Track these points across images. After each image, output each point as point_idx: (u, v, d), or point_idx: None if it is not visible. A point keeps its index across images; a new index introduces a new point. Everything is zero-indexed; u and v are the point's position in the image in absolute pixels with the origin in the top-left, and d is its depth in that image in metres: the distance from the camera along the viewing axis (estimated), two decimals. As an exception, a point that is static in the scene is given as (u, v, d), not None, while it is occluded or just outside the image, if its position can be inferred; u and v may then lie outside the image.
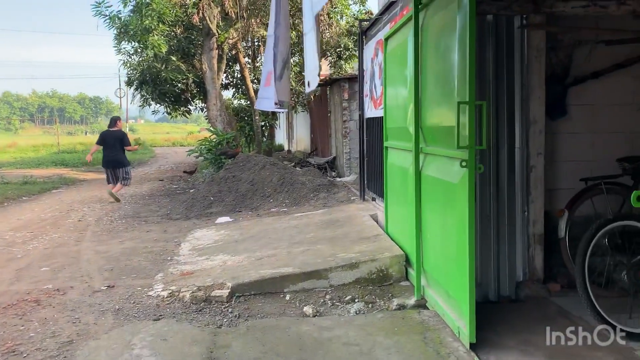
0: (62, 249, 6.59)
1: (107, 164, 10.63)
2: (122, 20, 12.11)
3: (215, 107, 14.18)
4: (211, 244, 6.31)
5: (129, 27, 11.67)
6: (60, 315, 4.16)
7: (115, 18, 11.96)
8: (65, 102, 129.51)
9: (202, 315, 4.04)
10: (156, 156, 29.64)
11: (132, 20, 11.67)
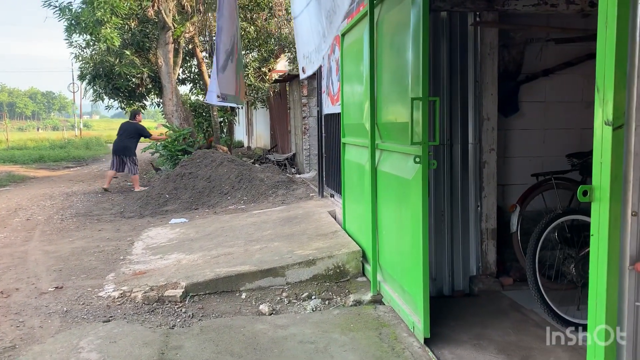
0: (8, 250, 6.30)
1: (116, 151, 11.37)
2: (73, 11, 11.67)
3: (172, 103, 13.87)
4: (166, 243, 6.17)
5: (80, 19, 11.25)
6: (3, 318, 3.96)
7: (66, 9, 11.52)
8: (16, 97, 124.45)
9: (155, 316, 3.93)
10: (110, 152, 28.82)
11: (84, 12, 11.26)
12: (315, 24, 2.71)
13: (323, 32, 2.56)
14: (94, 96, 15.13)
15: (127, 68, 13.22)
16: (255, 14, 14.16)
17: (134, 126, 11.65)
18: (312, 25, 2.76)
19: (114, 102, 15.78)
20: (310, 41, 2.81)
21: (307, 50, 2.87)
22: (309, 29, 2.83)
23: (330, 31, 2.42)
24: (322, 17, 2.53)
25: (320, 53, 2.65)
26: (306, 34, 2.89)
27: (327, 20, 2.41)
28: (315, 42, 2.76)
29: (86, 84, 14.88)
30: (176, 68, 14.45)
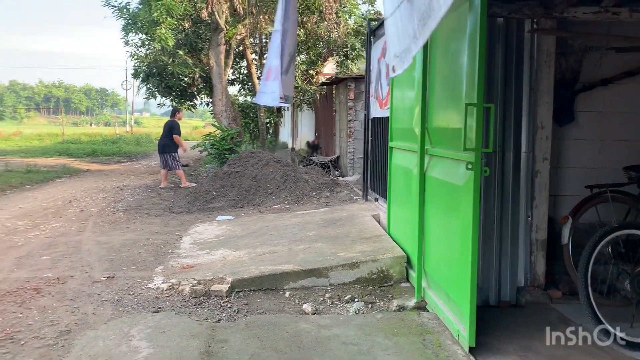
0: (63, 239, 6.59)
1: (158, 148, 12.09)
2: (131, 11, 12.10)
3: (221, 103, 14.16)
4: (212, 239, 6.30)
5: (137, 18, 11.65)
6: (59, 304, 4.15)
7: (124, 9, 11.96)
8: (71, 93, 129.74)
9: (201, 309, 4.03)
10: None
11: (141, 12, 11.65)
12: (406, 25, 2.73)
13: (414, 34, 2.57)
14: (146, 94, 15.63)
15: (180, 67, 13.58)
16: (305, 17, 14.29)
17: (170, 124, 11.98)
18: (403, 25, 2.79)
19: (165, 100, 16.25)
20: (402, 42, 2.84)
21: (398, 50, 2.90)
22: (400, 29, 2.86)
23: (422, 33, 2.44)
24: (414, 18, 2.55)
25: (411, 54, 2.67)
26: (397, 34, 2.92)
27: (419, 22, 2.43)
28: (406, 43, 2.78)
29: (140, 82, 15.40)
30: (227, 69, 14.75)
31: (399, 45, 2.89)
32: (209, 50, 14.04)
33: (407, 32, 2.69)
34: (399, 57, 3.02)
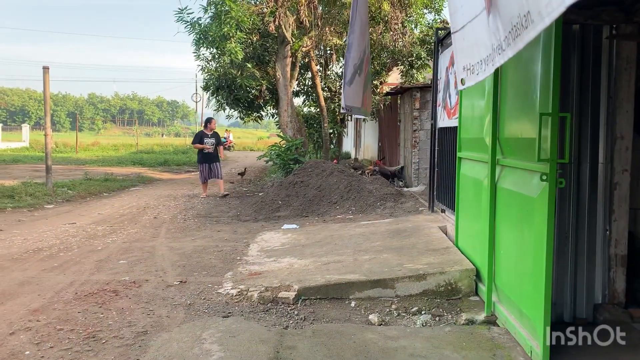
0: (139, 244, 6.92)
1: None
2: (202, 26, 12.58)
3: (287, 114, 14.43)
4: (278, 247, 6.42)
5: (208, 33, 12.09)
6: (136, 306, 4.36)
7: (196, 24, 12.44)
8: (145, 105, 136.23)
9: (269, 316, 4.12)
10: (228, 159, 30.54)
11: (212, 26, 12.09)
12: (482, 36, 2.72)
13: (499, 45, 2.55)
14: (216, 106, 16.17)
15: (248, 80, 13.97)
16: (370, 28, 14.33)
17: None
18: (478, 38, 2.78)
19: (234, 112, 16.75)
20: (475, 53, 2.83)
21: (470, 63, 2.89)
22: (474, 41, 2.85)
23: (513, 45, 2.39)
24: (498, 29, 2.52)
25: (492, 65, 2.65)
26: (469, 47, 2.92)
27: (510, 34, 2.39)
28: (481, 55, 2.77)
29: (209, 95, 15.94)
30: (292, 81, 15.03)
31: (471, 58, 2.86)
32: (275, 62, 14.37)
33: (485, 43, 2.65)
34: (470, 70, 2.99)
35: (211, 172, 11.78)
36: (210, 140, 11.76)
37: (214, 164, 11.77)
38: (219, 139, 12.17)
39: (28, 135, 39.76)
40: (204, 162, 11.78)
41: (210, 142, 11.75)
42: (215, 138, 11.91)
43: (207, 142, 11.72)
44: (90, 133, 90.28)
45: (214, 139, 11.84)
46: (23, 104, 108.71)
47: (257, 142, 54.27)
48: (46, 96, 12.53)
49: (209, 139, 11.76)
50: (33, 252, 6.38)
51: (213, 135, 11.91)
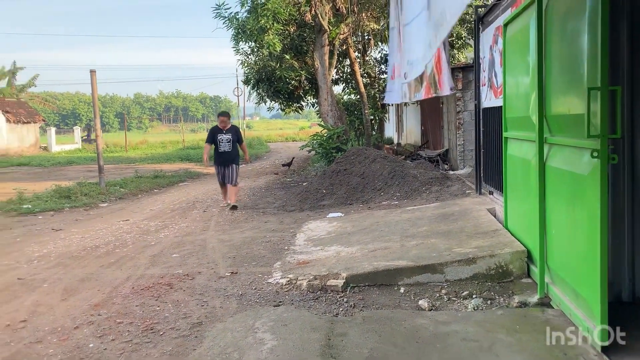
0: (190, 238, 7.11)
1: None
2: (239, 21, 12.71)
3: (327, 103, 14.43)
4: (325, 235, 6.46)
5: (246, 27, 12.22)
6: (190, 298, 4.50)
7: (233, 19, 12.59)
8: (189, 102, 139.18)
9: (319, 304, 4.16)
10: (271, 151, 30.87)
11: (249, 20, 12.21)
12: (423, 33, 2.73)
13: (429, 42, 2.58)
14: (257, 99, 16.35)
15: (287, 71, 14.06)
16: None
17: None
18: (420, 34, 2.78)
19: (274, 103, 16.90)
20: (417, 49, 2.82)
21: (412, 58, 2.88)
22: (416, 37, 2.85)
23: (435, 43, 2.46)
24: (430, 28, 2.56)
25: (425, 61, 2.66)
26: (413, 42, 2.90)
27: (434, 31, 2.44)
28: (420, 51, 2.77)
29: (250, 88, 16.13)
30: (331, 69, 15.00)
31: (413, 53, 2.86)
32: (313, 52, 14.37)
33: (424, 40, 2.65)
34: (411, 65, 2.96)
35: (225, 177, 9.62)
36: (226, 137, 9.53)
37: (229, 166, 9.55)
38: (239, 136, 9.86)
39: (80, 137, 41.30)
40: (218, 163, 9.63)
41: (226, 139, 9.52)
42: (233, 134, 9.62)
43: (220, 140, 9.53)
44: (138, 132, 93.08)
45: (230, 135, 9.57)
46: (74, 107, 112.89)
47: (298, 133, 54.54)
48: (94, 98, 12.97)
49: (223, 135, 9.54)
50: (91, 249, 6.66)
51: (229, 131, 9.64)
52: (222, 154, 9.54)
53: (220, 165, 9.59)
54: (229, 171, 9.54)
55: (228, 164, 9.53)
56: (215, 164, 9.68)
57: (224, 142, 9.53)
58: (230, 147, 9.54)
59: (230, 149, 9.55)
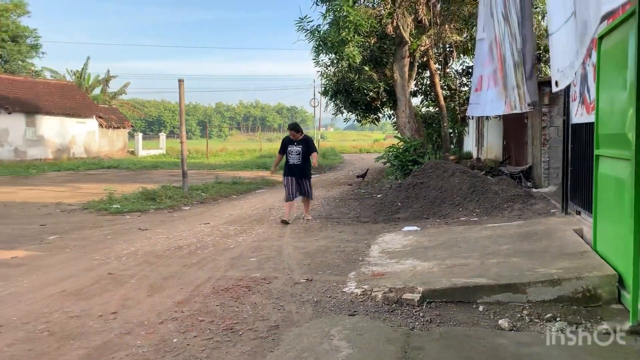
0: (267, 243, 7.28)
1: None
2: (321, 33, 12.95)
3: (404, 115, 14.33)
4: (400, 249, 6.41)
5: (327, 39, 12.42)
6: (267, 301, 4.61)
7: (315, 32, 12.84)
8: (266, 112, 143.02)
9: (394, 316, 4.13)
10: (344, 162, 31.04)
11: (330, 32, 12.41)
12: (571, 41, 2.63)
13: (577, 50, 2.49)
14: (334, 110, 16.53)
15: (365, 83, 14.12)
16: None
17: None
18: (569, 42, 2.68)
19: (351, 114, 17.00)
20: (566, 57, 2.72)
21: (562, 65, 2.78)
22: (565, 45, 2.75)
23: (581, 51, 2.36)
24: (577, 36, 2.47)
25: (573, 69, 2.56)
26: (562, 50, 2.80)
27: (579, 41, 2.35)
28: (570, 59, 2.67)
29: (328, 99, 16.34)
30: (410, 81, 14.92)
31: (563, 60, 2.72)
32: (393, 64, 14.35)
33: (573, 48, 2.53)
34: (562, 72, 2.83)
35: (301, 189, 9.27)
36: (295, 149, 9.18)
37: (303, 179, 9.22)
38: (312, 147, 9.40)
39: (165, 143, 43.53)
40: (289, 174, 9.20)
41: (295, 151, 9.16)
42: (304, 146, 9.21)
43: (290, 151, 9.20)
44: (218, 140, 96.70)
45: (301, 147, 9.18)
46: (159, 114, 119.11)
47: (372, 144, 54.48)
48: (181, 107, 13.64)
49: (293, 147, 9.20)
50: (174, 249, 6.99)
51: (300, 142, 9.24)
52: (291, 167, 9.18)
53: (290, 177, 9.17)
54: (304, 184, 9.23)
55: (297, 177, 9.14)
56: (285, 175, 9.32)
57: (293, 154, 9.18)
58: (300, 159, 9.14)
59: (300, 162, 9.14)
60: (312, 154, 9.28)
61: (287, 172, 9.24)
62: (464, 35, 14.81)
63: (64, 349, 3.63)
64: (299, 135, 9.32)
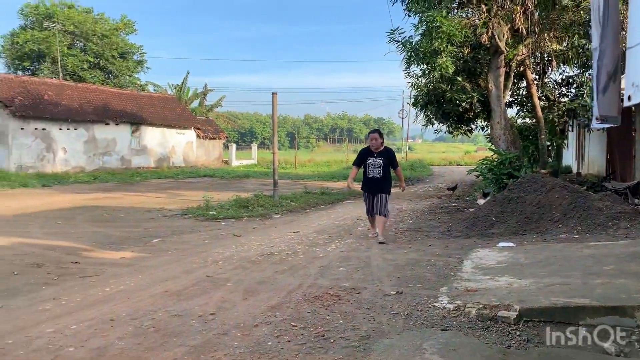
0: (355, 254, 7.32)
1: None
2: (413, 44, 12.87)
3: (499, 126, 13.85)
4: (494, 265, 6.19)
5: (419, 50, 12.33)
6: (357, 311, 4.63)
7: (407, 43, 12.79)
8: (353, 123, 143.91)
9: (489, 333, 4.00)
10: (433, 174, 30.47)
11: (422, 43, 12.30)
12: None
13: None
14: (424, 121, 16.32)
15: (458, 94, 13.83)
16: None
17: None
18: None
19: (442, 126, 16.70)
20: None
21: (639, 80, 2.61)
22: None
23: None
24: None
25: None
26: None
27: None
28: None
29: (418, 110, 16.17)
30: (506, 91, 14.41)
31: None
32: (487, 74, 13.95)
33: None
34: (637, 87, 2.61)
35: (374, 206, 8.46)
36: (376, 161, 8.36)
37: (379, 195, 8.37)
38: (394, 160, 8.55)
39: (256, 154, 45.09)
40: (366, 189, 8.58)
41: (376, 164, 8.36)
42: (385, 158, 8.37)
43: (370, 164, 8.42)
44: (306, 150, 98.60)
45: (382, 160, 8.36)
46: (251, 125, 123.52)
47: (463, 157, 53.05)
48: (274, 118, 14.09)
49: (374, 159, 8.39)
50: (267, 255, 7.21)
51: (381, 154, 8.39)
52: (371, 181, 8.40)
53: (369, 192, 8.51)
54: (379, 200, 8.37)
55: (376, 192, 8.38)
56: (363, 189, 8.66)
57: (373, 167, 8.37)
58: (381, 173, 8.32)
59: (381, 175, 8.32)
60: (397, 170, 8.60)
61: (365, 186, 8.56)
62: (564, 43, 14.10)
63: (168, 345, 3.87)
64: (381, 143, 8.45)
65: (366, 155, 8.48)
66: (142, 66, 46.90)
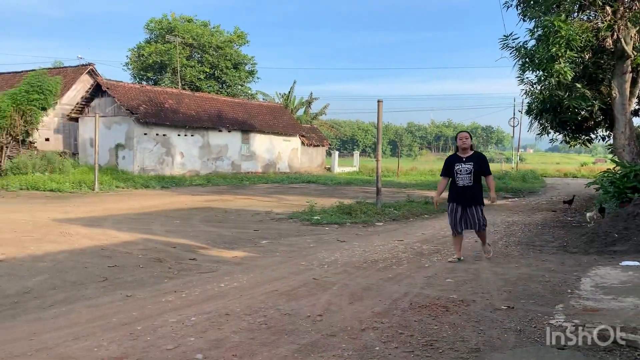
0: (462, 265, 7.11)
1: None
2: (527, 49, 12.31)
3: (623, 136, 12.80)
4: (617, 285, 5.73)
5: (534, 56, 11.76)
6: (466, 323, 4.51)
7: (521, 49, 12.26)
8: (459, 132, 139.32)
9: (612, 357, 3.73)
10: (547, 186, 28.81)
11: (538, 49, 11.73)
12: None
13: None
14: (539, 130, 15.49)
15: (577, 101, 12.98)
16: None
17: None
18: None
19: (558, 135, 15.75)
20: None
21: None
22: None
23: None
24: None
25: None
26: None
27: None
28: None
29: (532, 118, 15.38)
30: (631, 99, 13.30)
31: None
32: (610, 80, 12.97)
33: None
34: None
35: (467, 220, 7.31)
36: (465, 167, 7.20)
37: (471, 208, 7.25)
38: (483, 166, 7.29)
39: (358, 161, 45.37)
40: (454, 200, 7.35)
41: (465, 170, 7.20)
42: (475, 163, 7.21)
43: (458, 170, 7.24)
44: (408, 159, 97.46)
45: (471, 165, 7.20)
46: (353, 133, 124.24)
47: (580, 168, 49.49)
48: (379, 126, 14.12)
49: (462, 165, 7.23)
50: (371, 262, 7.24)
51: (471, 159, 7.26)
52: (461, 190, 7.23)
53: (457, 203, 7.30)
54: (474, 213, 7.25)
55: (468, 204, 7.24)
56: (450, 201, 7.41)
57: (462, 174, 7.21)
58: (472, 180, 7.18)
59: (472, 183, 7.18)
60: (488, 177, 7.36)
61: (453, 196, 7.36)
62: None
63: (279, 342, 4.03)
64: (469, 146, 7.32)
65: (454, 162, 7.34)
66: (253, 76, 49.15)
